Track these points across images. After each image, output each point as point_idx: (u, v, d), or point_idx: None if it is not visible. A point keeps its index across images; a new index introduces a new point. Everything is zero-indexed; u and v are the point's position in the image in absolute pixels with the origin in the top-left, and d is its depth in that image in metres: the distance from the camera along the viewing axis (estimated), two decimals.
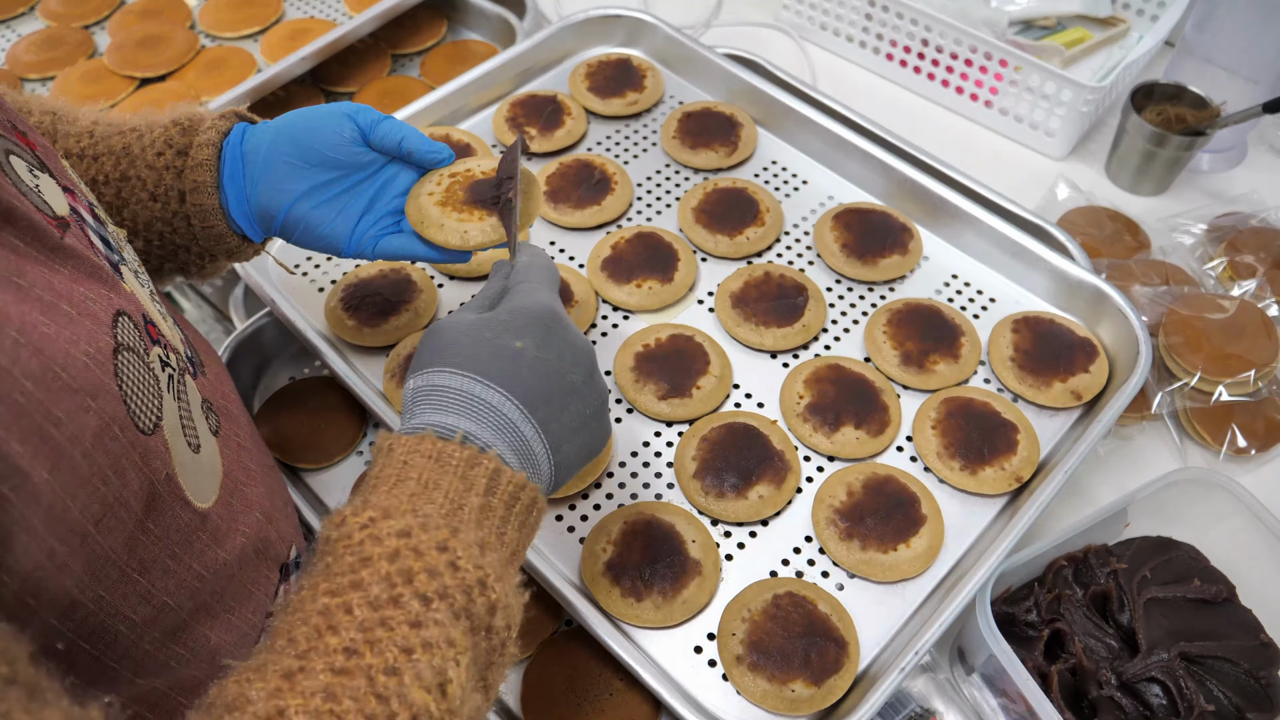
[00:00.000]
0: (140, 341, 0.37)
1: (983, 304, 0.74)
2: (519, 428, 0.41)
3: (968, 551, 0.61)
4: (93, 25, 0.98)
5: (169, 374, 0.39)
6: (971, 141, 0.96)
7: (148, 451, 0.35)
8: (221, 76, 0.89)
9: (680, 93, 0.89)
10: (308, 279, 0.74)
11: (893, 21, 0.96)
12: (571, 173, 0.79)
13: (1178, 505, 0.64)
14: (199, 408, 0.43)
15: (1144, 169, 0.89)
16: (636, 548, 0.59)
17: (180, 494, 0.38)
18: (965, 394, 0.67)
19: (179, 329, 0.46)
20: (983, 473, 0.63)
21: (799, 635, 0.55)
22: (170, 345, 0.41)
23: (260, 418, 0.71)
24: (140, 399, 0.35)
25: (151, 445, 0.35)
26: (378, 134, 0.52)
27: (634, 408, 0.67)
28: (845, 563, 0.59)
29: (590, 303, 0.72)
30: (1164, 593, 0.59)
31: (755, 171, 0.82)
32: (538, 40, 0.87)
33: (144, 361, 0.37)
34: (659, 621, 0.57)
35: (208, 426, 0.43)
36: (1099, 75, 0.99)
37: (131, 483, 0.34)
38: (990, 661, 0.56)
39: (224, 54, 0.92)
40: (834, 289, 0.74)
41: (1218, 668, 0.56)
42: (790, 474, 0.63)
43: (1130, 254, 0.82)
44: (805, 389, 0.67)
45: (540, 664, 0.59)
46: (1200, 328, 0.74)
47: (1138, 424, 0.73)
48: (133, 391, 0.35)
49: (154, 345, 0.39)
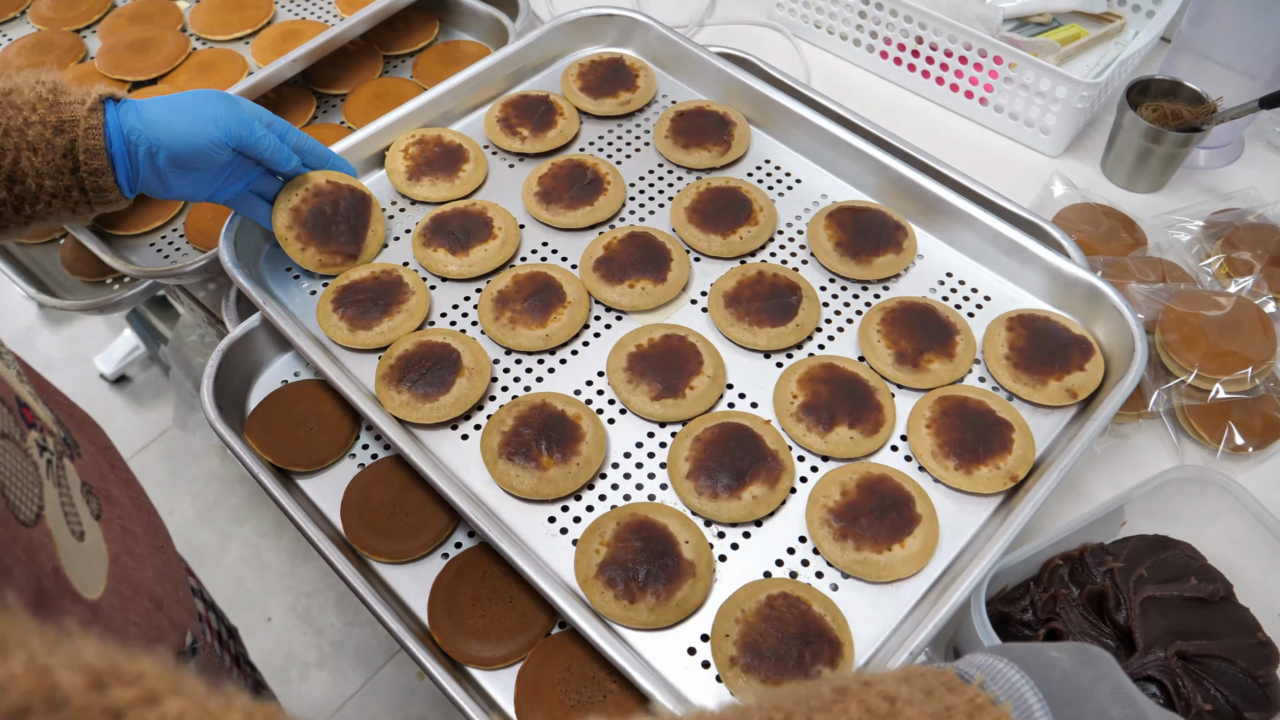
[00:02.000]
0: (15, 427, 0.36)
1: (977, 302, 0.73)
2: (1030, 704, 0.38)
3: (962, 551, 0.60)
4: (83, 29, 0.98)
5: (47, 458, 0.38)
6: (966, 139, 0.95)
7: (32, 545, 0.33)
8: (212, 79, 0.89)
9: (673, 92, 0.89)
10: (300, 282, 0.74)
11: (887, 19, 0.96)
12: (564, 173, 0.79)
13: (1174, 503, 0.64)
14: (79, 491, 0.41)
15: (1140, 165, 0.88)
16: (630, 549, 0.58)
17: (69, 587, 0.36)
18: (960, 393, 0.66)
19: (50, 409, 0.44)
20: (978, 472, 0.62)
21: (793, 636, 0.55)
22: (46, 428, 0.40)
23: (252, 422, 0.71)
24: (20, 489, 0.34)
25: (35, 538, 0.34)
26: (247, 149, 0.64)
27: (627, 409, 0.67)
28: (839, 563, 0.59)
29: (583, 303, 0.71)
30: (1160, 591, 0.58)
31: (748, 170, 0.82)
32: (529, 40, 0.87)
33: (21, 448, 0.35)
34: (653, 623, 0.57)
35: (89, 511, 0.41)
36: (1094, 72, 0.98)
37: (18, 579, 0.32)
38: None
39: (215, 56, 0.92)
40: (828, 288, 0.74)
41: (1215, 667, 0.56)
42: (784, 474, 0.62)
43: (1126, 251, 0.82)
44: (799, 389, 0.66)
45: (534, 666, 0.59)
46: (1197, 325, 0.73)
47: (1134, 422, 0.73)
48: (11, 481, 0.33)
49: (30, 429, 0.37)
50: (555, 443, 0.63)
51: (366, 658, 1.47)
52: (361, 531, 0.65)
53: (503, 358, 0.70)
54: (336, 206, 0.72)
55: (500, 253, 0.74)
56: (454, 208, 0.77)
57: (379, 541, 0.64)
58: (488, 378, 0.67)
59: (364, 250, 0.74)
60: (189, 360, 1.15)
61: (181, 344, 1.14)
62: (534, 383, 0.68)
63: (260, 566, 1.55)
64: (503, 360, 0.70)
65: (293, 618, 1.50)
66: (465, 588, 0.62)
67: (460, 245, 0.74)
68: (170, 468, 1.66)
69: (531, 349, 0.69)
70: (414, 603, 0.63)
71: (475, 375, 0.66)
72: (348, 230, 0.73)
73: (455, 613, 0.61)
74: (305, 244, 0.72)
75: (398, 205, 0.80)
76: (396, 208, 0.80)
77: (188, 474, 1.65)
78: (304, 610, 1.50)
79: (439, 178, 0.79)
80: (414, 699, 1.43)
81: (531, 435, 0.63)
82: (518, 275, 0.72)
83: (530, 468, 0.62)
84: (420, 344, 0.68)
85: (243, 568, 1.54)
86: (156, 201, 0.87)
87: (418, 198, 0.79)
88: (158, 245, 0.85)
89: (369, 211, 0.74)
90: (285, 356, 0.76)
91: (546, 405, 0.65)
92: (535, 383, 0.68)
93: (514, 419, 0.64)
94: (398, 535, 0.65)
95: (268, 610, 1.49)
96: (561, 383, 0.68)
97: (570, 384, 0.68)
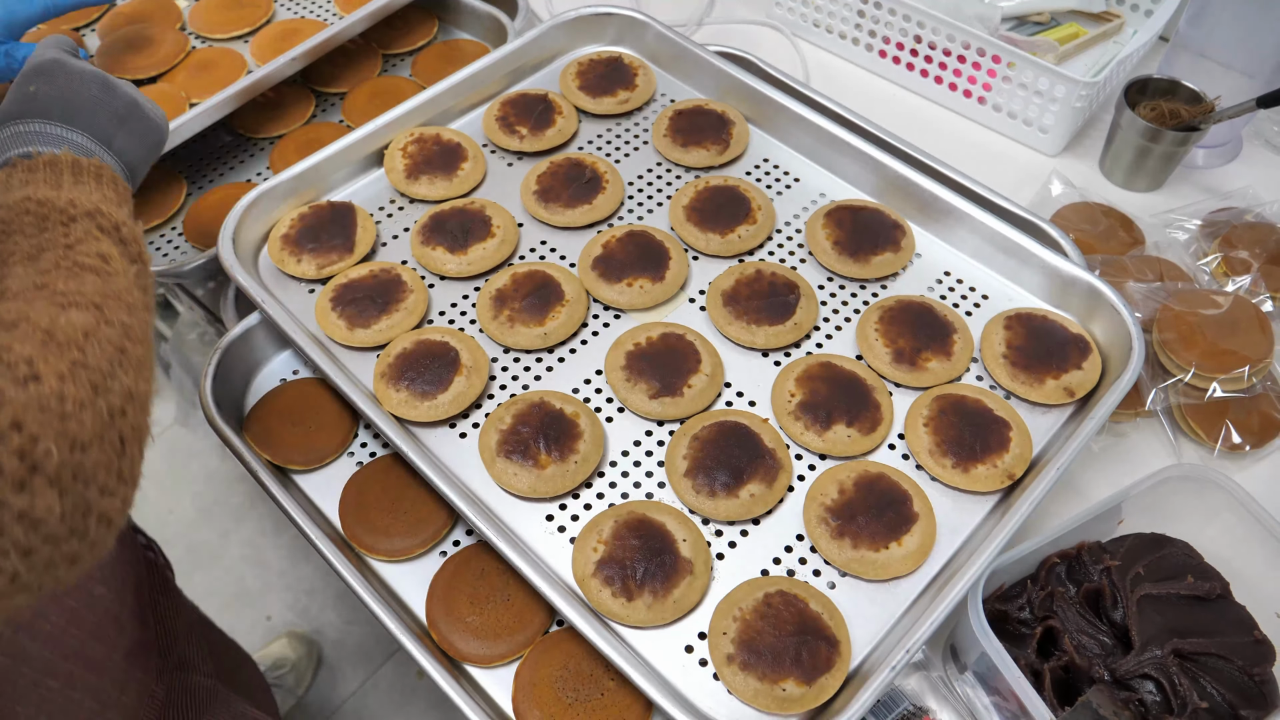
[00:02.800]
0: None
1: (975, 301, 0.73)
2: (67, 136, 0.53)
3: (960, 549, 0.60)
4: (83, 28, 0.98)
5: None
6: (965, 138, 0.95)
7: None
8: (211, 78, 0.89)
9: (671, 91, 0.89)
10: (298, 280, 0.74)
11: (885, 18, 0.96)
12: (562, 171, 0.79)
13: (1172, 502, 0.64)
14: None
15: (1138, 165, 0.88)
16: (627, 547, 0.59)
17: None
18: (958, 391, 0.66)
19: None
20: (975, 470, 0.62)
21: (790, 634, 0.55)
22: None
23: (251, 420, 0.71)
24: None
25: None
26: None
27: (625, 407, 0.67)
28: (837, 561, 0.59)
29: (581, 302, 0.71)
30: (1157, 590, 0.59)
31: (747, 169, 0.82)
32: (528, 39, 0.87)
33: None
34: (650, 621, 0.57)
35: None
36: (1093, 71, 0.98)
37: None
38: (983, 660, 0.56)
39: (214, 55, 0.92)
40: (826, 286, 0.74)
41: (1211, 665, 0.56)
42: (781, 472, 0.63)
43: (1124, 250, 0.82)
44: (797, 387, 0.66)
45: (531, 664, 0.59)
46: (1194, 323, 0.73)
47: (1131, 420, 0.73)
48: None
49: None
50: (553, 441, 0.63)
51: (366, 656, 1.47)
52: (359, 530, 0.65)
53: (501, 356, 0.70)
54: (322, 219, 0.75)
55: (499, 251, 0.74)
56: (452, 206, 0.77)
57: (377, 539, 0.64)
58: (486, 376, 0.67)
59: (357, 245, 0.74)
60: (189, 358, 1.15)
61: (181, 342, 1.14)
62: (532, 381, 0.69)
63: (260, 565, 1.55)
64: (501, 359, 0.70)
65: (292, 616, 1.50)
66: (463, 586, 0.62)
67: (459, 244, 0.74)
68: (170, 466, 1.66)
69: (530, 347, 0.69)
70: (412, 601, 0.63)
71: (473, 374, 0.67)
72: (339, 231, 0.74)
73: (453, 611, 0.61)
74: (299, 256, 0.73)
75: (396, 204, 0.80)
76: (395, 206, 0.80)
77: (187, 472, 1.65)
78: (303, 609, 1.51)
79: (437, 176, 0.79)
80: (413, 698, 1.43)
81: (530, 434, 0.63)
82: (516, 274, 0.72)
83: (528, 466, 0.62)
84: (419, 342, 0.68)
85: (242, 566, 1.54)
86: (156, 200, 0.87)
87: (416, 196, 0.79)
88: (156, 244, 0.85)
89: (354, 213, 0.76)
90: (283, 355, 0.76)
91: (545, 404, 0.65)
92: (533, 381, 0.69)
93: (512, 417, 0.64)
94: (396, 533, 0.65)
95: (267, 609, 1.49)
96: (560, 381, 0.69)
97: (568, 382, 0.68)
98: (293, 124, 0.90)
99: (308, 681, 1.41)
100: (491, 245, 0.74)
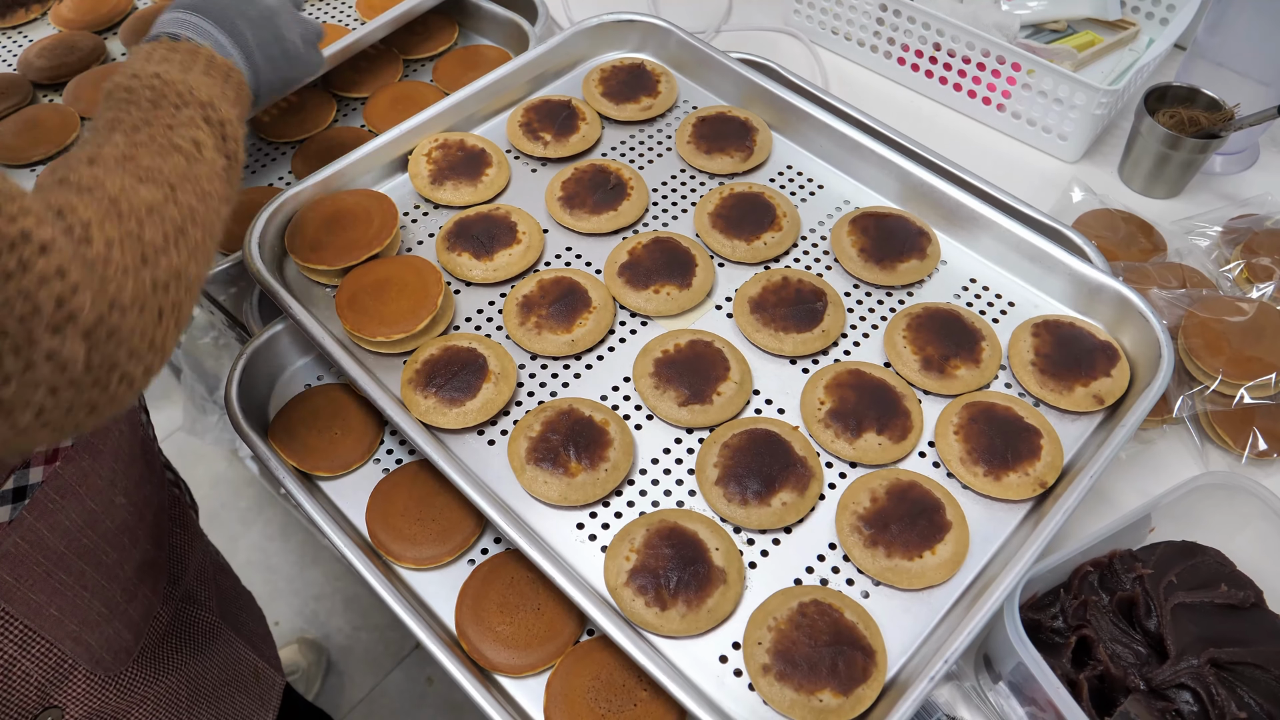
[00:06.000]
0: None
1: (1001, 308, 0.73)
2: (215, 34, 0.59)
3: (993, 558, 0.60)
4: (105, 31, 0.98)
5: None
6: (984, 145, 0.95)
7: None
8: None
9: (693, 97, 0.89)
10: (323, 285, 0.74)
11: (904, 25, 0.96)
12: (587, 178, 0.79)
13: (1202, 510, 0.64)
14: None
15: (1158, 172, 0.89)
16: (660, 556, 0.58)
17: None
18: (987, 399, 0.66)
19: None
20: (1006, 478, 0.62)
21: (825, 644, 0.55)
22: None
23: (275, 426, 0.70)
24: None
25: None
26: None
27: (654, 414, 0.66)
28: (870, 570, 0.59)
29: (608, 308, 0.71)
30: (1191, 598, 0.58)
31: (770, 176, 0.82)
32: (551, 45, 0.87)
33: None
34: (683, 630, 0.57)
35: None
36: (1110, 78, 0.98)
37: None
38: (1018, 669, 0.56)
39: None
40: (852, 294, 0.74)
41: (1248, 674, 0.55)
42: (813, 480, 0.62)
43: (1146, 257, 0.82)
44: (826, 395, 0.66)
45: (563, 673, 0.59)
46: (1220, 330, 0.73)
47: (1158, 428, 0.73)
48: None
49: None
50: (583, 449, 0.62)
51: (374, 662, 1.46)
52: (387, 537, 0.65)
53: (528, 363, 0.70)
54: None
55: (524, 257, 0.74)
56: (477, 212, 0.77)
57: (404, 547, 0.64)
58: (514, 383, 0.67)
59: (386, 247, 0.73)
60: (201, 363, 1.14)
61: (195, 347, 1.13)
62: (560, 388, 0.68)
63: (267, 570, 1.55)
64: (528, 365, 0.69)
65: (300, 621, 1.49)
66: (493, 595, 0.62)
67: (484, 250, 0.74)
68: (177, 470, 1.65)
69: (557, 354, 0.69)
70: (440, 609, 0.62)
71: (501, 380, 0.66)
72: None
73: (483, 620, 0.61)
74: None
75: (420, 209, 0.80)
76: (420, 211, 0.79)
77: (194, 477, 1.64)
78: (311, 614, 1.50)
79: (462, 182, 0.79)
80: (422, 704, 1.42)
81: (559, 441, 0.63)
82: (542, 280, 0.72)
83: (558, 474, 0.62)
84: (446, 348, 0.68)
85: (250, 571, 1.53)
86: None
87: (441, 202, 0.79)
88: None
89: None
90: (304, 361, 0.75)
91: (573, 411, 0.65)
92: (561, 388, 0.68)
93: (541, 425, 0.64)
94: (423, 541, 0.64)
95: (275, 614, 1.48)
96: (588, 388, 0.68)
97: (596, 389, 0.68)
98: (314, 129, 0.90)
99: (316, 687, 1.40)
100: (517, 251, 0.74)
